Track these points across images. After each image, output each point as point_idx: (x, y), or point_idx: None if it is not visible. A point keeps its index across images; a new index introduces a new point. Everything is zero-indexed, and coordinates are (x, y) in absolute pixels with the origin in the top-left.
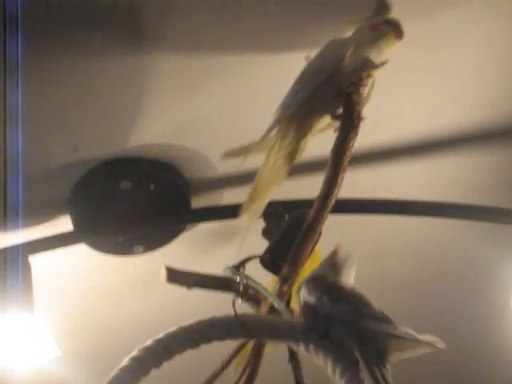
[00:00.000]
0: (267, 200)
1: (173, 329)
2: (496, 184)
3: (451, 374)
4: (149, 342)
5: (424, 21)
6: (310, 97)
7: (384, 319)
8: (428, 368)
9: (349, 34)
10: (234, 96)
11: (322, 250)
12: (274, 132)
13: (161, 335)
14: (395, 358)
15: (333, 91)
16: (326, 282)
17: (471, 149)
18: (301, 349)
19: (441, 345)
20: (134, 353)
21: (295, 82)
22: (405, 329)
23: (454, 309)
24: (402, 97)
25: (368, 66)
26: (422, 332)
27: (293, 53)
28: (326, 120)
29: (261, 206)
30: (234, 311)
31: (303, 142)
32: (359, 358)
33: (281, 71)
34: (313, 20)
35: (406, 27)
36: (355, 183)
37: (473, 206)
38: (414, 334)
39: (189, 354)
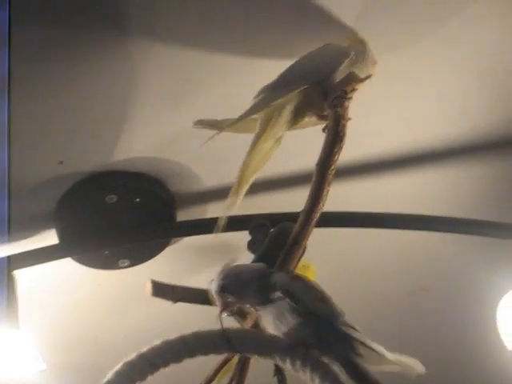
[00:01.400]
0: (251, 182)
1: (157, 343)
2: (481, 197)
3: None
4: (133, 357)
5: (409, 36)
6: (298, 93)
7: (355, 328)
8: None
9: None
10: (217, 109)
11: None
12: (256, 116)
13: (145, 349)
14: None
15: (320, 93)
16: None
17: (456, 162)
18: (287, 364)
19: (418, 368)
20: (118, 367)
21: (288, 71)
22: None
23: (439, 322)
24: (387, 110)
25: (353, 80)
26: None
27: (282, 62)
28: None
29: (245, 188)
30: (221, 325)
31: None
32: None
33: (265, 82)
34: (302, 27)
35: (392, 42)
36: (341, 196)
37: (458, 219)
38: (385, 351)
39: (173, 367)
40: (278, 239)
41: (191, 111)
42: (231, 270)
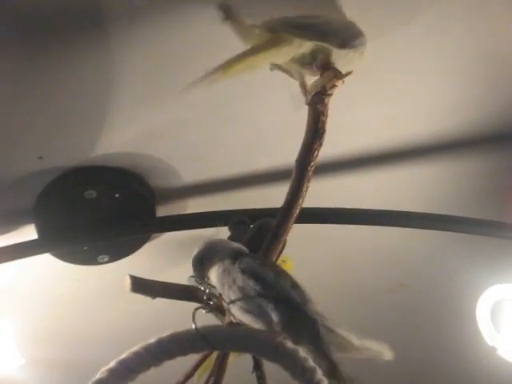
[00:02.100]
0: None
1: (135, 348)
2: (461, 194)
3: None
4: (112, 363)
5: (389, 32)
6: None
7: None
8: (392, 377)
9: None
10: (198, 105)
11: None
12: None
13: (124, 355)
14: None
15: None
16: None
17: (436, 159)
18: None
19: (387, 356)
20: (99, 375)
21: (314, 22)
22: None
23: (419, 318)
24: (367, 107)
25: (333, 77)
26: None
27: None
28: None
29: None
30: (194, 323)
31: None
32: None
33: (244, 80)
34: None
35: (371, 39)
36: (321, 193)
37: (437, 216)
38: (354, 337)
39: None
40: (257, 235)
41: (171, 107)
42: (210, 242)
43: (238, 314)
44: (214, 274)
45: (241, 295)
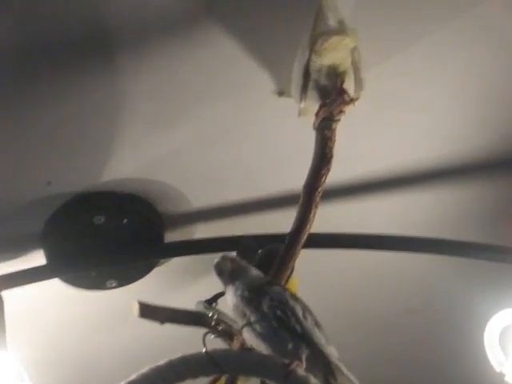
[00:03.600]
0: None
1: (144, 370)
2: (467, 218)
3: None
4: None
5: (396, 59)
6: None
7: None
8: None
9: None
10: (206, 130)
11: (298, 283)
12: None
13: (133, 377)
14: None
15: None
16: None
17: (441, 185)
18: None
19: None
20: None
21: None
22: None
23: (426, 344)
24: (373, 133)
25: (340, 103)
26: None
27: (264, 88)
28: None
29: None
30: (205, 346)
31: None
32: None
33: (251, 106)
34: (285, 57)
35: (376, 66)
36: (328, 218)
37: (444, 241)
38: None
39: None
40: (265, 260)
41: (179, 133)
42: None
43: (250, 337)
44: (231, 294)
45: (262, 320)
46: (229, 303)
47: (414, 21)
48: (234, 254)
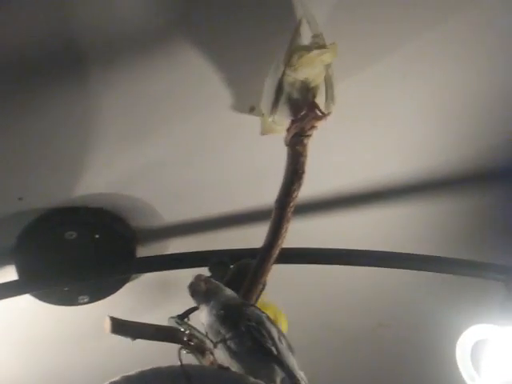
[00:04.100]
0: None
1: (115, 378)
2: (438, 233)
3: None
4: None
5: (366, 73)
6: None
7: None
8: None
9: None
10: (179, 145)
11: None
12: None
13: None
14: None
15: None
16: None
17: (413, 199)
18: None
19: None
20: None
21: None
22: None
23: (396, 354)
24: (345, 148)
25: (312, 118)
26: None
27: (237, 103)
28: None
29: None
30: (180, 361)
31: None
32: None
33: (225, 120)
34: (259, 72)
35: (348, 80)
36: (300, 232)
37: (415, 256)
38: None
39: None
40: (237, 275)
41: (152, 148)
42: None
43: (223, 356)
44: (206, 313)
45: (237, 339)
46: (203, 322)
47: (385, 34)
48: (207, 274)
